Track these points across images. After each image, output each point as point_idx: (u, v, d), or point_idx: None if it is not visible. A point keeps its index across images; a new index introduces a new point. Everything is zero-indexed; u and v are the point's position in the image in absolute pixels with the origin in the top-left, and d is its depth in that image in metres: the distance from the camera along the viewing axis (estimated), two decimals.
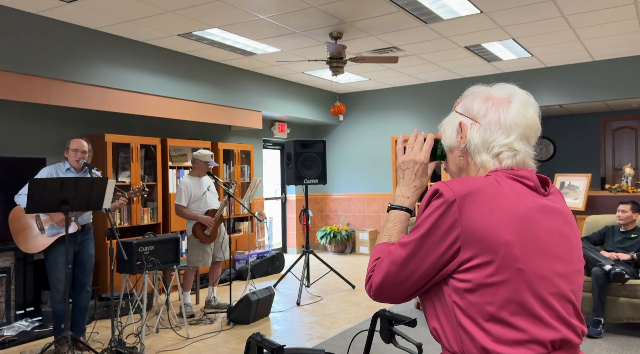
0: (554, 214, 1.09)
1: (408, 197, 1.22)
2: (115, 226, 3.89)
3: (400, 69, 7.34)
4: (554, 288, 1.03)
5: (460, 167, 1.18)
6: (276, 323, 4.74)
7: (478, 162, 1.13)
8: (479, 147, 1.12)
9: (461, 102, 1.20)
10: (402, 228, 1.20)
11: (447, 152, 1.21)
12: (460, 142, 1.15)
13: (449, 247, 1.02)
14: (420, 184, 1.23)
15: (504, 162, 1.10)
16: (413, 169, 1.23)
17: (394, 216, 1.21)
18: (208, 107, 6.41)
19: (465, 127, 1.15)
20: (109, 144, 5.38)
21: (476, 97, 1.16)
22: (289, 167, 6.06)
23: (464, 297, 1.01)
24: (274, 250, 7.84)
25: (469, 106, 1.16)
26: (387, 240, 1.18)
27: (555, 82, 7.36)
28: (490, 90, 1.17)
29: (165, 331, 4.47)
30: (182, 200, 4.92)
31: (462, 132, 1.15)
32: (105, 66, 5.20)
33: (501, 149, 1.11)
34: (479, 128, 1.13)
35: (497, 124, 1.11)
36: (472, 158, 1.14)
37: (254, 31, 5.33)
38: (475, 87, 1.20)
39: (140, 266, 4.04)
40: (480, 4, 4.72)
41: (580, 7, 4.84)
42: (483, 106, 1.14)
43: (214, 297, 5.22)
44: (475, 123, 1.13)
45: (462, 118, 1.16)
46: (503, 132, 1.11)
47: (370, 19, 5.06)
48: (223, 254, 5.17)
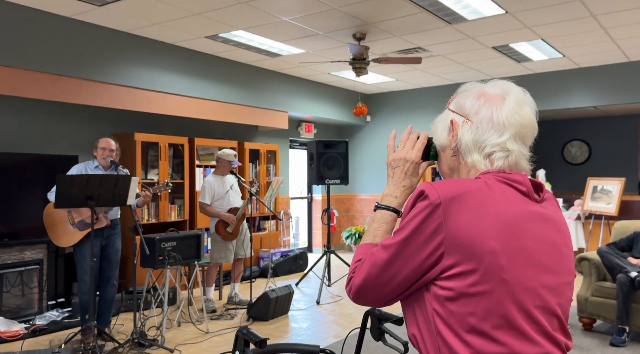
0: (545, 222, 1.03)
1: (396, 197, 1.17)
2: (139, 222, 4.03)
3: (427, 70, 7.29)
4: (539, 300, 0.98)
5: (451, 168, 1.13)
6: (294, 321, 4.81)
7: (469, 163, 1.08)
8: (470, 146, 1.07)
9: (454, 99, 1.15)
10: (387, 229, 1.15)
11: (439, 152, 1.17)
12: (452, 140, 1.10)
13: (432, 253, 0.97)
14: (409, 184, 1.18)
15: (496, 164, 1.05)
16: (403, 168, 1.19)
17: (380, 216, 1.17)
18: (235, 107, 6.55)
19: (457, 125, 1.09)
20: (138, 142, 5.58)
21: (469, 94, 1.11)
22: (311, 168, 6.12)
23: (444, 305, 0.97)
24: (299, 249, 7.92)
25: (461, 103, 1.11)
26: (371, 241, 1.14)
27: (590, 83, 7.13)
28: (484, 86, 1.11)
29: (186, 325, 4.61)
30: (206, 198, 5.05)
31: (454, 131, 1.10)
32: (135, 67, 5.40)
33: (493, 149, 1.05)
34: (471, 126, 1.07)
35: (489, 122, 1.06)
36: (463, 158, 1.09)
37: (279, 33, 5.41)
38: (470, 84, 1.15)
39: (162, 261, 4.18)
40: (505, 4, 4.64)
41: (609, 7, 4.69)
42: (475, 103, 1.08)
43: (236, 293, 5.33)
44: (467, 121, 1.08)
45: (454, 116, 1.11)
46: (496, 130, 1.05)
47: (393, 20, 5.06)
48: (245, 251, 5.27)
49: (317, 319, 4.87)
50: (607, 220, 6.73)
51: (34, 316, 4.65)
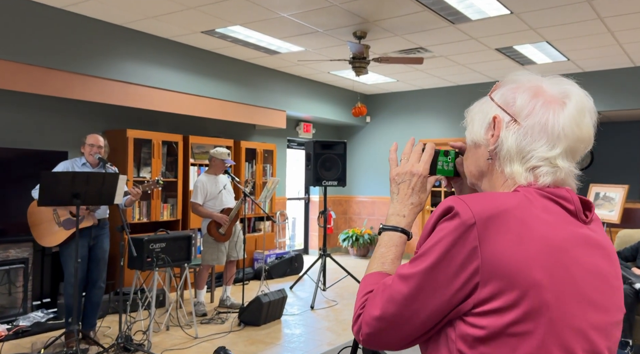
0: (595, 248, 0.87)
1: (404, 216, 1.01)
2: (127, 222, 3.89)
3: (429, 71, 7.15)
4: (587, 344, 0.82)
5: (481, 171, 0.95)
6: (287, 327, 4.66)
7: (507, 172, 0.90)
8: (512, 154, 0.89)
9: (500, 89, 0.94)
10: (397, 254, 0.98)
11: (469, 146, 0.99)
12: (490, 141, 0.91)
13: (465, 284, 0.80)
14: (418, 201, 1.02)
15: (541, 180, 0.87)
16: (410, 183, 1.03)
17: (388, 239, 0.99)
18: (231, 105, 6.40)
19: (500, 125, 0.90)
20: (130, 139, 5.43)
21: (523, 88, 0.90)
22: (308, 168, 5.97)
23: (474, 347, 0.80)
24: (295, 251, 7.78)
25: (511, 97, 0.91)
26: (380, 269, 0.96)
27: (594, 88, 6.99)
28: (543, 82, 0.91)
29: (175, 329, 4.46)
30: (198, 198, 4.91)
31: (495, 130, 0.91)
32: (129, 62, 5.25)
33: (539, 163, 0.87)
34: (518, 130, 0.88)
35: (542, 130, 0.87)
36: (501, 165, 0.91)
37: (277, 29, 5.27)
38: (523, 74, 0.93)
39: (150, 263, 4.03)
40: (510, 4, 4.50)
41: (618, 9, 4.55)
42: (530, 103, 0.88)
43: (228, 296, 5.19)
44: (515, 123, 0.89)
45: (499, 111, 0.91)
46: (547, 141, 0.87)
47: (395, 19, 4.92)
48: (237, 253, 5.13)
49: (311, 325, 4.73)
50: (609, 228, 6.59)
51: (17, 317, 4.50)
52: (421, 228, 8.57)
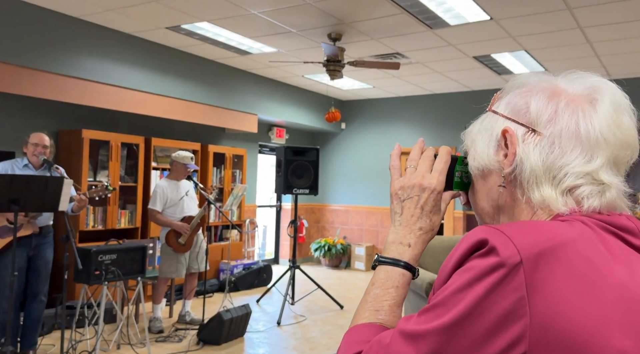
0: None
1: (409, 245, 0.75)
2: (73, 230, 3.53)
3: (405, 78, 6.97)
4: None
5: (497, 205, 0.72)
6: (250, 346, 4.34)
7: (535, 200, 0.67)
8: (539, 173, 0.66)
9: (504, 98, 0.75)
10: (398, 299, 0.72)
11: (475, 178, 0.75)
12: (504, 163, 0.70)
13: (503, 353, 0.55)
14: (429, 226, 0.76)
15: (586, 203, 0.65)
16: (418, 200, 0.76)
17: (385, 276, 0.73)
18: (199, 106, 6.07)
19: (514, 139, 0.69)
20: (86, 140, 5.04)
21: (534, 90, 0.71)
22: (278, 175, 5.69)
23: None
24: (265, 261, 7.46)
25: (522, 103, 0.71)
26: (374, 319, 0.70)
27: None
28: (557, 80, 0.72)
29: (126, 348, 4.09)
30: (157, 204, 4.56)
31: (510, 147, 0.69)
32: (86, 57, 4.87)
33: (578, 181, 0.65)
34: (541, 142, 0.67)
35: (573, 137, 0.66)
36: (525, 192, 0.68)
37: (248, 28, 4.99)
38: (529, 75, 0.74)
39: (99, 276, 3.66)
40: (490, 10, 4.34)
41: (599, 19, 4.44)
42: (549, 105, 0.68)
43: (188, 311, 4.83)
44: (534, 133, 0.68)
45: (508, 123, 0.70)
46: (583, 151, 0.66)
47: (371, 21, 4.70)
48: (199, 265, 4.78)
49: (276, 343, 4.41)
50: None
51: None
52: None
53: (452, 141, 7.82)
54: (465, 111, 7.72)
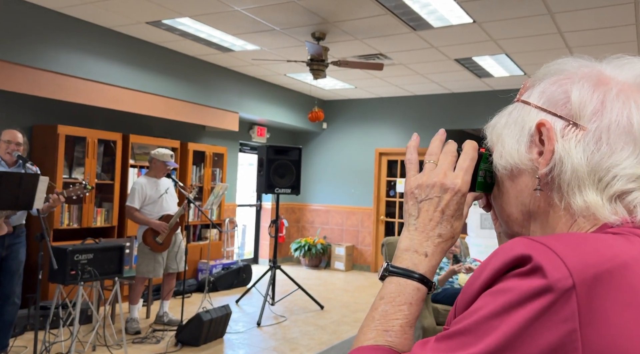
0: None
1: (426, 254, 0.64)
2: (47, 230, 3.42)
3: (387, 79, 6.99)
4: None
5: (529, 211, 0.62)
6: (230, 347, 4.28)
7: (576, 206, 0.58)
8: (583, 175, 0.57)
9: (537, 86, 0.65)
10: (411, 318, 0.62)
11: (501, 179, 0.66)
12: (538, 162, 0.60)
13: None
14: (449, 233, 0.65)
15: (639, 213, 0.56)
16: (439, 203, 0.65)
17: (397, 290, 0.62)
18: (179, 103, 5.96)
19: (552, 134, 0.59)
20: (61, 136, 4.90)
21: (575, 78, 0.61)
22: (260, 174, 5.63)
23: None
24: (244, 261, 7.38)
25: (559, 92, 0.61)
26: (382, 341, 0.59)
27: None
28: (603, 66, 0.62)
29: (102, 350, 3.99)
30: (135, 201, 4.46)
31: (546, 144, 0.59)
32: (63, 51, 4.74)
33: (629, 186, 0.56)
34: (585, 137, 0.58)
35: (624, 132, 0.57)
36: (564, 196, 0.59)
37: (230, 24, 4.92)
38: (566, 61, 0.64)
39: (74, 276, 3.56)
40: (474, 13, 4.37)
41: (579, 24, 4.52)
42: (594, 95, 0.59)
43: (166, 312, 4.75)
44: (576, 127, 0.58)
45: (543, 116, 0.61)
46: (635, 150, 0.57)
47: (355, 21, 4.69)
48: (177, 265, 4.70)
49: (256, 344, 4.37)
50: None
51: None
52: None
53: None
54: (445, 113, 7.79)
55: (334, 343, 4.44)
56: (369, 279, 7.63)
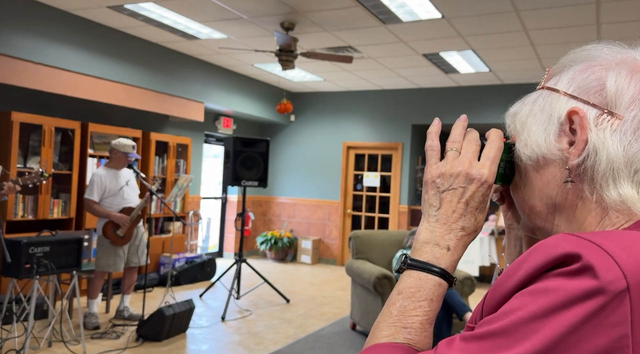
0: None
1: (448, 248, 0.61)
2: (1, 221, 3.24)
3: (356, 72, 6.98)
4: None
5: (555, 204, 0.59)
6: (193, 342, 4.19)
7: (609, 200, 0.55)
8: (619, 167, 0.54)
9: (565, 73, 0.62)
10: (431, 315, 0.58)
11: (524, 170, 0.63)
12: (569, 152, 0.57)
13: None
14: (473, 226, 0.62)
15: None
16: (463, 193, 0.61)
17: (417, 284, 0.59)
18: (141, 92, 5.77)
19: (586, 122, 0.56)
20: (15, 123, 4.65)
21: (610, 64, 0.58)
22: (226, 167, 5.52)
23: None
24: (208, 255, 7.25)
25: (592, 79, 0.58)
26: (400, 338, 0.56)
27: (510, 101, 7.17)
28: (636, 53, 0.59)
29: (58, 346, 3.82)
30: (94, 194, 4.28)
31: (579, 133, 0.56)
32: (17, 34, 4.48)
33: None
34: (621, 127, 0.55)
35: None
36: (595, 189, 0.56)
37: (196, 11, 4.78)
38: (598, 47, 0.61)
39: (30, 269, 3.39)
40: (442, 8, 4.40)
41: (543, 23, 4.62)
42: (631, 83, 0.56)
43: (126, 307, 4.60)
44: (611, 116, 0.56)
45: (575, 103, 0.58)
46: None
47: (325, 12, 4.64)
48: (139, 259, 4.55)
49: (220, 339, 4.29)
50: None
51: None
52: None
53: (399, 136, 7.95)
54: (413, 107, 7.86)
55: (300, 337, 4.42)
56: (336, 272, 7.64)
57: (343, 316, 5.10)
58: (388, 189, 8.11)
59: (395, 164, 8.01)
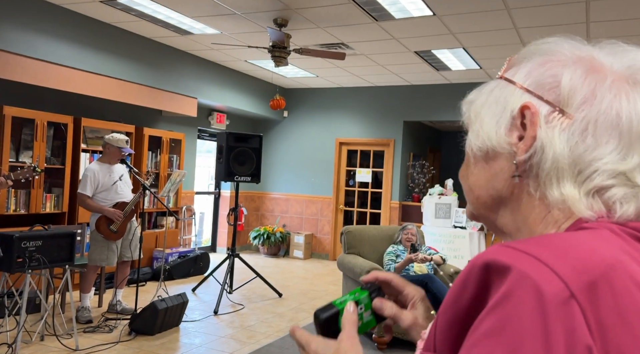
0: None
1: None
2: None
3: (349, 69, 7.01)
4: None
5: (500, 196, 0.59)
6: (186, 335, 4.23)
7: (552, 198, 0.54)
8: (563, 166, 0.54)
9: (523, 65, 0.60)
10: None
11: (474, 159, 0.62)
12: (518, 147, 0.56)
13: None
14: None
15: (620, 209, 0.52)
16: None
17: None
18: (134, 87, 5.77)
19: (536, 119, 0.55)
20: (8, 117, 4.65)
21: (568, 61, 0.57)
22: (219, 162, 5.55)
23: None
24: (200, 250, 7.27)
25: (548, 75, 0.57)
26: None
27: None
28: (596, 52, 0.58)
29: (51, 340, 3.85)
30: (87, 189, 4.30)
31: (528, 129, 0.56)
32: (10, 28, 4.47)
33: (609, 181, 0.53)
34: (570, 127, 0.54)
35: (612, 126, 0.53)
36: (540, 186, 0.55)
37: (189, 6, 4.79)
38: (559, 41, 0.60)
39: (22, 264, 3.41)
40: (434, 6, 4.44)
41: (533, 21, 4.68)
42: (587, 81, 0.55)
43: (119, 301, 4.63)
44: (562, 114, 0.55)
45: (529, 98, 0.57)
46: (619, 145, 0.53)
47: (318, 9, 4.67)
48: (132, 253, 4.58)
49: (213, 332, 4.33)
50: None
51: None
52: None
53: (391, 133, 8.00)
54: (404, 104, 7.91)
55: None
56: (327, 267, 7.70)
57: None
58: (380, 185, 8.16)
59: (387, 160, 8.06)
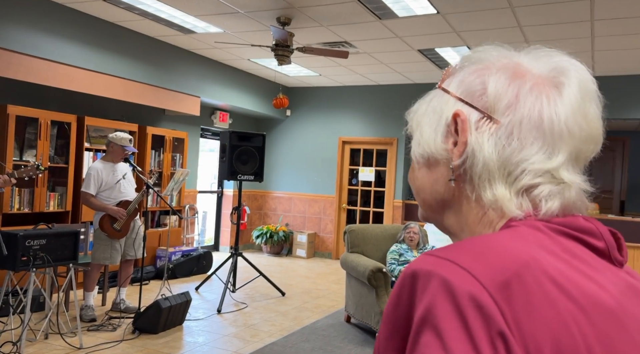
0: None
1: None
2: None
3: (352, 67, 7.00)
4: None
5: (443, 199, 0.63)
6: (189, 334, 4.23)
7: (486, 199, 0.58)
8: (492, 169, 0.57)
9: (456, 75, 0.64)
10: None
11: (419, 166, 0.66)
12: (453, 153, 0.60)
13: None
14: None
15: (545, 206, 0.56)
16: None
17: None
18: (137, 86, 5.77)
19: (466, 125, 0.59)
20: (11, 116, 4.66)
21: (493, 68, 0.60)
22: (222, 161, 5.55)
23: None
24: (204, 248, 7.28)
25: (477, 83, 0.60)
26: None
27: None
28: (520, 57, 0.61)
29: (55, 338, 3.86)
30: (91, 187, 4.30)
31: (460, 135, 0.59)
32: (13, 27, 4.48)
33: (536, 180, 0.57)
34: (497, 131, 0.58)
35: (535, 127, 0.57)
36: (475, 189, 0.59)
37: (192, 5, 4.78)
38: (488, 49, 0.64)
39: (26, 262, 3.42)
40: (438, 4, 4.43)
41: (537, 19, 4.66)
42: (509, 88, 0.58)
43: (122, 299, 4.63)
44: (488, 120, 0.58)
45: (460, 106, 0.60)
46: (544, 145, 0.57)
47: (321, 7, 4.66)
48: (135, 252, 4.58)
49: (217, 331, 4.34)
50: None
51: None
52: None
53: (394, 132, 7.99)
54: (408, 103, 7.79)
55: (295, 329, 4.47)
56: (330, 266, 7.70)
57: (338, 309, 5.16)
58: (383, 184, 8.15)
59: (390, 159, 8.05)
